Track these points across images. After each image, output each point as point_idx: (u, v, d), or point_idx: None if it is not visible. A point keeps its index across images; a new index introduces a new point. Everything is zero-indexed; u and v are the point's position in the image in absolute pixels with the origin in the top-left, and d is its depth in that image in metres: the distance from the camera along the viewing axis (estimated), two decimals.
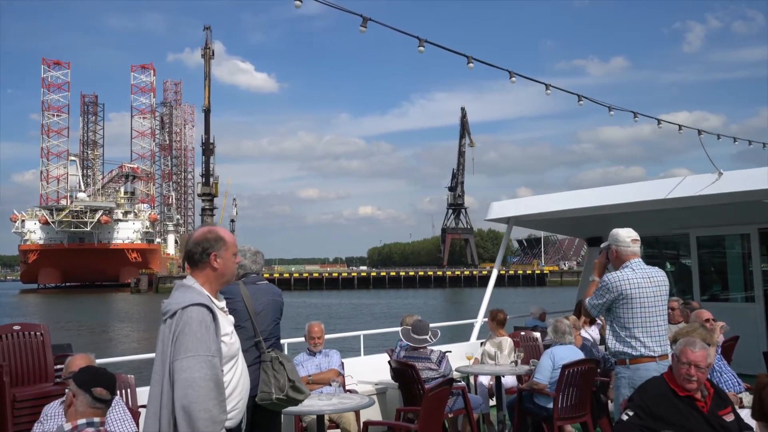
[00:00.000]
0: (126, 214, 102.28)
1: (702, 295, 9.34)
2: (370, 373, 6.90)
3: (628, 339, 3.95)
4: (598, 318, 5.74)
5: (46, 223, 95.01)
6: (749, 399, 4.14)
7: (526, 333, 7.66)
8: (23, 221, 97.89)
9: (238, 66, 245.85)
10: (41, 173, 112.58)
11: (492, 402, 6.56)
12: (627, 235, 4.10)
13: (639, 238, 4.13)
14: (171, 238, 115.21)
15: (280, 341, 3.98)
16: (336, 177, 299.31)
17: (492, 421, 6.36)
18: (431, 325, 5.87)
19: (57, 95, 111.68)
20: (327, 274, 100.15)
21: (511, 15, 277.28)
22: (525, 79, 7.43)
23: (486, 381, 6.64)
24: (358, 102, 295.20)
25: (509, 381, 6.55)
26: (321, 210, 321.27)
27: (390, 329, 8.56)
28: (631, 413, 3.41)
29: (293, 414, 4.81)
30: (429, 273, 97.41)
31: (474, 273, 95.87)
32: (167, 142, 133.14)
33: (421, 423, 4.68)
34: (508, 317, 7.20)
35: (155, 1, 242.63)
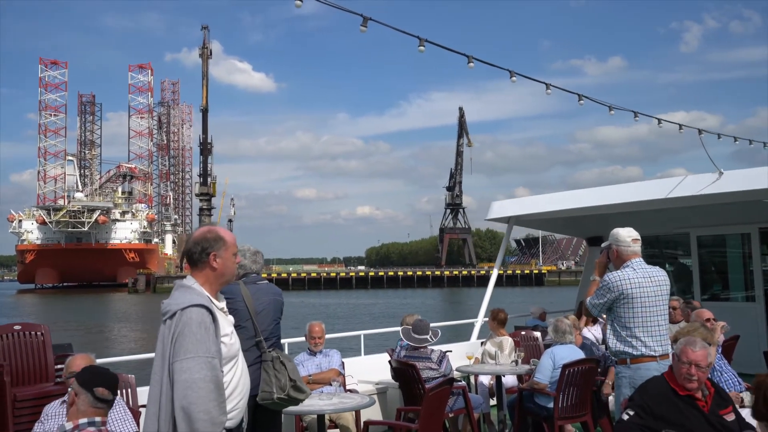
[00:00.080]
0: (123, 214, 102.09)
1: (702, 295, 9.34)
2: (370, 373, 6.89)
3: (629, 338, 3.94)
4: (599, 316, 5.75)
5: (43, 223, 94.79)
6: (750, 398, 4.15)
7: (526, 332, 7.66)
8: (20, 221, 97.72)
9: (235, 66, 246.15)
10: (38, 173, 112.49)
11: (492, 401, 6.56)
12: (628, 235, 4.09)
13: (640, 237, 4.12)
14: (169, 238, 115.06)
15: (280, 341, 3.98)
16: (334, 177, 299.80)
17: (492, 421, 6.35)
18: (431, 325, 5.87)
19: (54, 95, 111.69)
20: (325, 274, 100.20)
21: (509, 15, 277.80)
22: (523, 79, 7.41)
23: (486, 380, 6.64)
24: (355, 102, 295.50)
25: (510, 380, 6.55)
26: (319, 210, 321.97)
27: (390, 329, 8.56)
28: (632, 413, 3.40)
29: (294, 414, 4.80)
30: (427, 273, 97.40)
31: (472, 273, 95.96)
32: (165, 141, 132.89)
33: (422, 422, 4.68)
34: (508, 317, 7.20)
35: (153, 1, 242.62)
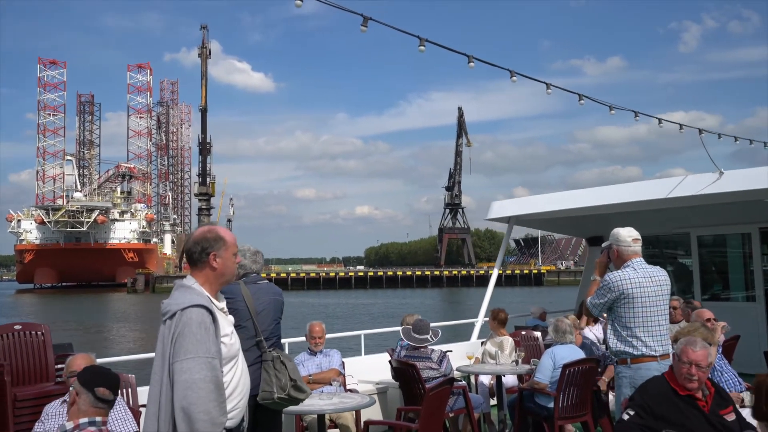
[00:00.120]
0: (122, 213, 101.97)
1: (703, 295, 9.33)
2: (370, 373, 6.89)
3: (629, 338, 3.94)
4: (600, 316, 5.75)
5: (42, 223, 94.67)
6: (750, 398, 4.15)
7: (526, 332, 7.65)
8: (19, 221, 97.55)
9: (234, 66, 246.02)
10: (37, 173, 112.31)
11: (493, 401, 6.55)
12: (628, 235, 4.09)
13: (640, 237, 4.12)
14: (168, 237, 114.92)
15: (281, 340, 3.98)
16: (333, 177, 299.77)
17: (493, 421, 6.35)
18: (432, 325, 5.86)
19: (53, 95, 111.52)
20: (324, 273, 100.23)
21: (509, 15, 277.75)
22: (522, 79, 7.40)
23: (487, 380, 6.64)
24: (355, 102, 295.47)
25: (510, 380, 6.55)
26: (318, 210, 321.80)
27: (390, 329, 8.56)
28: (632, 412, 3.41)
29: (294, 413, 4.81)
30: (426, 273, 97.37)
31: (471, 273, 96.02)
32: (164, 141, 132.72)
33: (422, 422, 4.68)
34: (508, 317, 7.19)
35: (152, 1, 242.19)
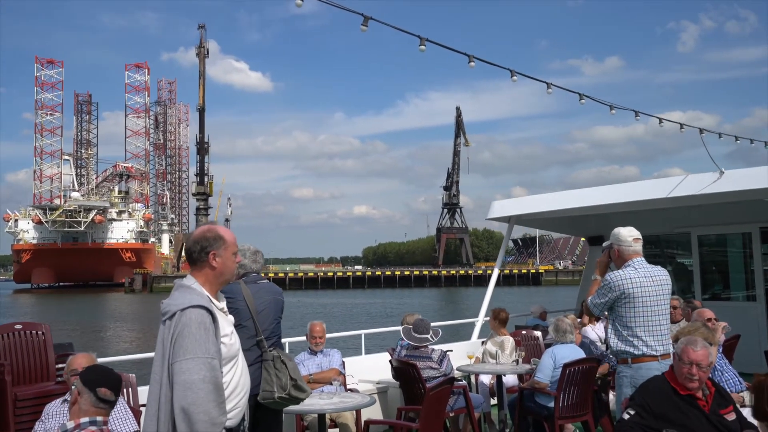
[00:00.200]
0: (120, 213, 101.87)
1: (703, 294, 9.33)
2: (371, 372, 6.88)
3: (630, 338, 3.94)
4: (600, 315, 5.76)
5: (39, 223, 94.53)
6: (750, 398, 4.15)
7: (527, 332, 7.64)
8: (16, 221, 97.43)
9: (232, 65, 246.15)
10: (34, 172, 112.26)
11: (493, 401, 6.56)
12: (629, 234, 4.08)
13: (641, 237, 4.11)
14: (165, 237, 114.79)
15: (281, 340, 3.98)
16: (330, 176, 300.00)
17: (493, 420, 6.36)
18: (432, 324, 5.86)
19: (50, 94, 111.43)
20: (322, 273, 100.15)
21: (507, 15, 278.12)
22: (521, 79, 7.40)
23: (487, 380, 6.63)
24: (352, 101, 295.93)
25: (510, 380, 6.54)
26: (315, 209, 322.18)
27: (391, 328, 8.55)
28: (633, 412, 3.40)
29: (295, 413, 4.80)
30: (424, 272, 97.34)
31: (469, 272, 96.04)
32: (161, 141, 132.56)
33: (423, 422, 4.68)
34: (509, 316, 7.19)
35: (149, 1, 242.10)
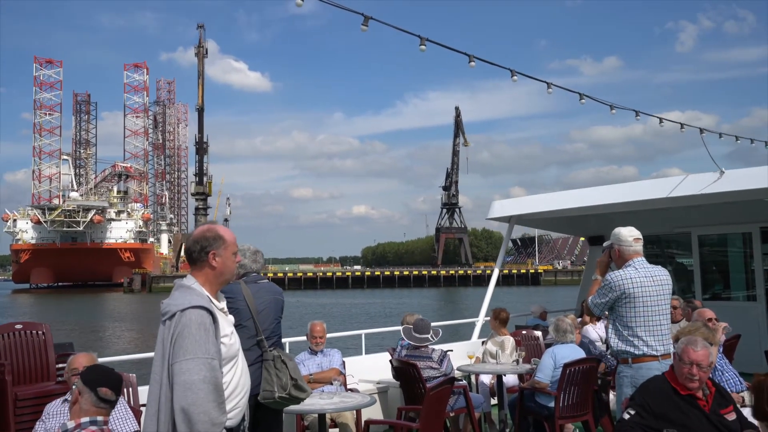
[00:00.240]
0: (119, 213, 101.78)
1: (704, 294, 9.32)
2: (371, 372, 6.88)
3: (630, 338, 3.94)
4: (602, 314, 5.77)
5: (38, 223, 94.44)
6: (750, 398, 4.16)
7: (527, 332, 7.63)
8: (15, 221, 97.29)
9: (231, 65, 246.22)
10: (33, 172, 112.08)
11: (493, 401, 6.56)
12: (629, 234, 4.08)
13: (641, 236, 4.11)
14: (164, 237, 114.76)
15: (281, 340, 3.98)
16: (329, 176, 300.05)
17: (493, 420, 6.36)
18: (432, 324, 5.86)
19: (49, 94, 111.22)
20: (321, 273, 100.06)
21: (506, 15, 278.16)
22: (520, 79, 7.40)
23: (487, 380, 6.63)
24: (351, 101, 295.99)
25: (511, 380, 6.55)
26: (314, 209, 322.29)
27: (391, 328, 8.55)
28: (633, 412, 3.40)
29: (295, 413, 4.80)
30: (423, 272, 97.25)
31: (468, 272, 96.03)
32: (160, 141, 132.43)
33: (423, 422, 4.68)
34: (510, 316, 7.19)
35: (148, 0, 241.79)
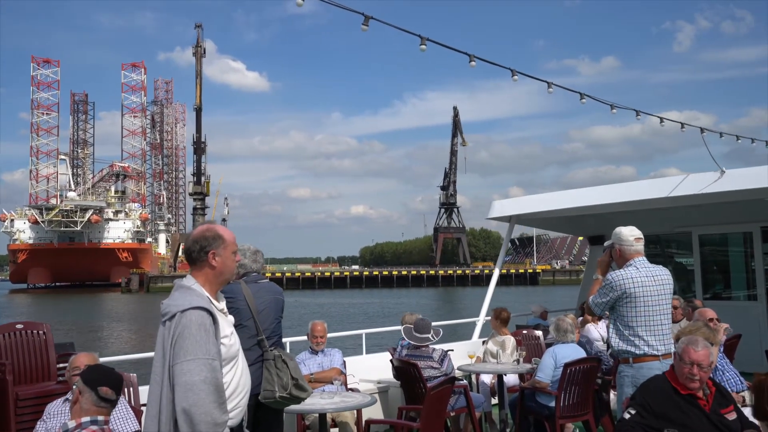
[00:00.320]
0: (116, 213, 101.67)
1: (704, 294, 9.32)
2: (371, 372, 6.87)
3: (631, 338, 3.94)
4: (602, 314, 5.77)
5: (35, 223, 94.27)
6: (751, 397, 4.16)
7: (527, 331, 7.63)
8: (12, 221, 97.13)
9: (229, 65, 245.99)
10: (31, 172, 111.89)
11: (494, 400, 6.56)
12: (630, 234, 4.08)
13: (642, 236, 4.11)
14: (162, 237, 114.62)
15: (282, 339, 3.98)
16: (328, 176, 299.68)
17: (494, 420, 6.36)
18: (433, 324, 5.86)
19: (46, 93, 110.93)
20: (319, 273, 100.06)
21: (505, 15, 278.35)
22: (519, 79, 7.39)
23: (488, 379, 6.63)
24: (350, 101, 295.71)
25: (511, 379, 6.55)
26: (313, 209, 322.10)
27: (391, 328, 8.54)
28: (633, 411, 3.41)
29: (296, 412, 4.80)
30: (421, 272, 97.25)
31: (466, 272, 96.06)
32: (158, 140, 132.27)
33: (423, 421, 4.68)
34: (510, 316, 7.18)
35: (147, 0, 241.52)
